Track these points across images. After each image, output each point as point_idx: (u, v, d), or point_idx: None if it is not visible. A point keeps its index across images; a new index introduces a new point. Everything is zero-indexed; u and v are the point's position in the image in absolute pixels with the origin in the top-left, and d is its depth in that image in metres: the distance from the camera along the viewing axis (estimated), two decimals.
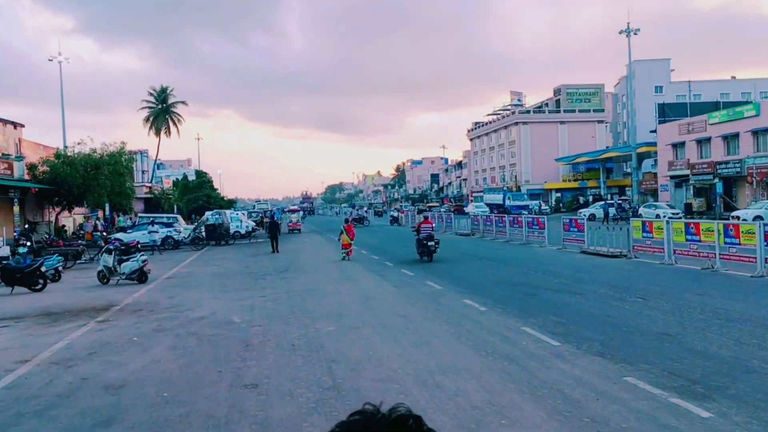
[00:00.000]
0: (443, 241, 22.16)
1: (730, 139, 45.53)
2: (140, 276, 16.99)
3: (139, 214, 34.64)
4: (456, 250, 24.14)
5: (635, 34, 53.10)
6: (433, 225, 22.15)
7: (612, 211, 46.19)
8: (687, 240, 16.35)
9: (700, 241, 15.87)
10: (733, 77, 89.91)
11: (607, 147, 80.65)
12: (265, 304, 12.82)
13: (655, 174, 57.95)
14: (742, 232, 14.64)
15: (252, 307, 12.42)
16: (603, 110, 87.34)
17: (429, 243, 19.58)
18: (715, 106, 56.43)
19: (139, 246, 22.45)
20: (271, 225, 29.08)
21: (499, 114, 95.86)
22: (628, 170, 77.73)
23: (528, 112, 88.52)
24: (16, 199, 29.14)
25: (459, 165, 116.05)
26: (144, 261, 17.21)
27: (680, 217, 40.78)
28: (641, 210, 45.05)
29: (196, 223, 34.49)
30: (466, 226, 35.00)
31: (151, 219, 32.77)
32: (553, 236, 24.11)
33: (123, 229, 33.93)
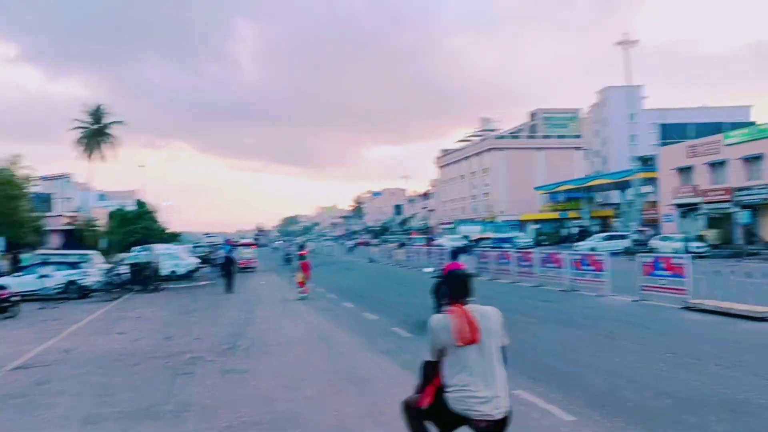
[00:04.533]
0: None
1: (752, 161, 39.94)
2: None
3: (38, 252, 26.02)
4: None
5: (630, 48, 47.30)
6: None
7: (631, 245, 39.81)
8: None
9: None
10: (703, 105, 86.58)
11: (588, 174, 75.41)
12: None
13: (654, 202, 52.21)
14: None
15: None
16: (581, 136, 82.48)
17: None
18: (718, 128, 51.31)
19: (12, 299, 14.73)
20: (225, 262, 25.58)
21: (470, 141, 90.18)
22: (604, 200, 72.97)
23: (502, 137, 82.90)
24: None
25: (425, 195, 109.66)
26: None
27: (706, 252, 34.60)
28: (654, 243, 38.74)
29: (113, 263, 26.05)
30: (467, 263, 27.79)
31: (46, 258, 24.19)
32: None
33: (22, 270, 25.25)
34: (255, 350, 11.09)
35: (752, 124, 46.79)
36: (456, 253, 20.26)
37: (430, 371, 4.00)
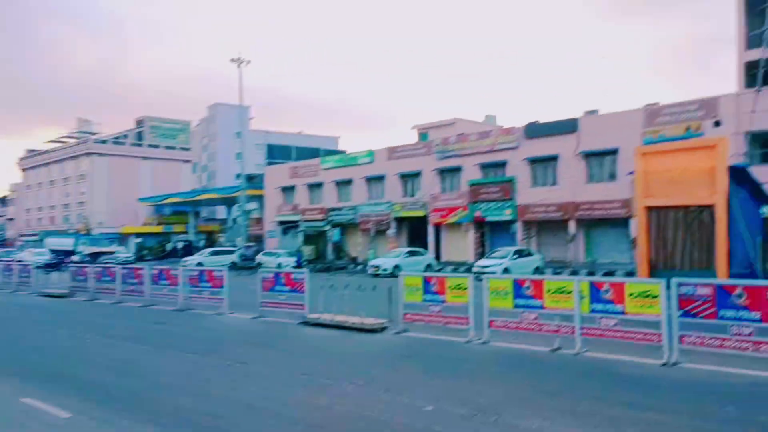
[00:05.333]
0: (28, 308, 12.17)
1: (343, 185, 45.00)
2: None
3: None
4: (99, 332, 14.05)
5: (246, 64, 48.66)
6: None
7: (239, 260, 40.15)
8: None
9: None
10: (300, 132, 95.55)
11: (196, 188, 74.68)
12: None
13: (259, 219, 54.48)
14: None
15: None
16: (190, 149, 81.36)
17: None
18: (316, 153, 56.64)
19: None
20: None
21: (64, 142, 79.99)
22: (210, 216, 73.66)
23: (104, 142, 75.86)
24: None
25: (2, 201, 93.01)
26: None
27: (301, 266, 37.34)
28: (260, 258, 40.12)
29: None
30: (59, 281, 23.77)
31: None
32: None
33: None
34: None
35: (343, 152, 53.04)
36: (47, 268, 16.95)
37: None
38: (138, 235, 67.11)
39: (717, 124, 27.36)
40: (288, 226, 48.81)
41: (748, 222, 18.61)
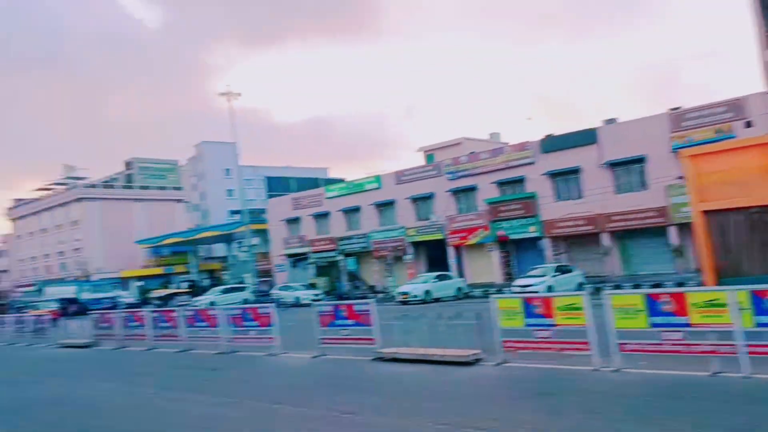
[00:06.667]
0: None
1: (351, 213, 43.81)
2: None
3: None
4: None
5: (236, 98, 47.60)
6: None
7: (251, 296, 38.60)
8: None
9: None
10: (288, 165, 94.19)
11: (193, 227, 73.00)
12: None
13: (265, 254, 52.99)
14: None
15: None
16: (182, 188, 79.83)
17: None
18: (315, 183, 55.53)
19: None
20: None
21: (52, 189, 77.98)
22: (208, 254, 71.92)
23: (95, 186, 74.16)
24: None
25: None
26: None
27: (322, 299, 36.00)
28: (277, 293, 38.66)
29: None
30: (80, 330, 22.16)
31: None
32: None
33: None
34: None
35: (342, 181, 51.90)
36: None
37: None
38: (139, 278, 65.20)
39: (748, 124, 26.66)
40: (297, 259, 47.37)
41: None
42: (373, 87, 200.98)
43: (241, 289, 41.54)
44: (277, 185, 57.29)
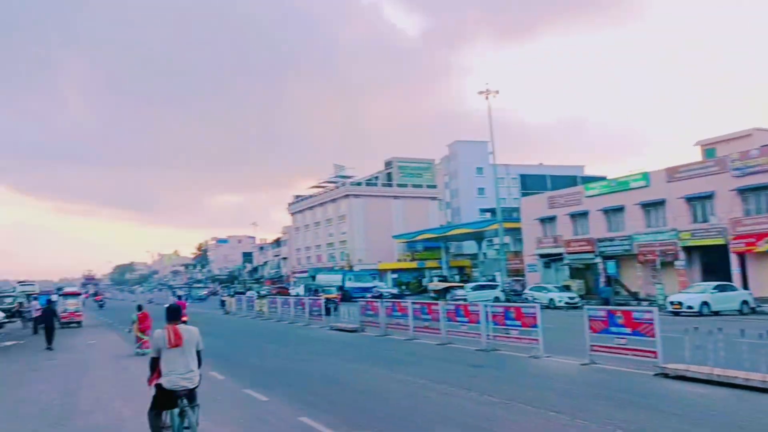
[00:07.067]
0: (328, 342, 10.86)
1: (612, 213, 40.65)
2: None
3: None
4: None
5: (494, 95, 47.31)
6: None
7: (502, 295, 38.30)
8: None
9: None
10: (541, 163, 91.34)
11: (445, 224, 75.36)
12: None
13: (517, 252, 52.17)
14: None
15: None
16: (436, 186, 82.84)
17: None
18: (573, 181, 52.93)
19: None
20: (44, 314, 21.78)
21: (324, 187, 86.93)
22: (457, 251, 73.27)
23: (359, 184, 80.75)
24: None
25: (277, 243, 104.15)
26: None
27: (578, 303, 33.96)
28: (530, 293, 37.59)
29: None
30: (348, 316, 23.83)
31: None
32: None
33: None
34: None
35: (602, 179, 48.43)
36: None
37: (153, 364, 6.20)
38: (394, 270, 69.33)
39: None
40: (550, 259, 45.60)
41: None
42: (632, 80, 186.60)
43: (493, 287, 41.27)
44: (532, 183, 56.01)
